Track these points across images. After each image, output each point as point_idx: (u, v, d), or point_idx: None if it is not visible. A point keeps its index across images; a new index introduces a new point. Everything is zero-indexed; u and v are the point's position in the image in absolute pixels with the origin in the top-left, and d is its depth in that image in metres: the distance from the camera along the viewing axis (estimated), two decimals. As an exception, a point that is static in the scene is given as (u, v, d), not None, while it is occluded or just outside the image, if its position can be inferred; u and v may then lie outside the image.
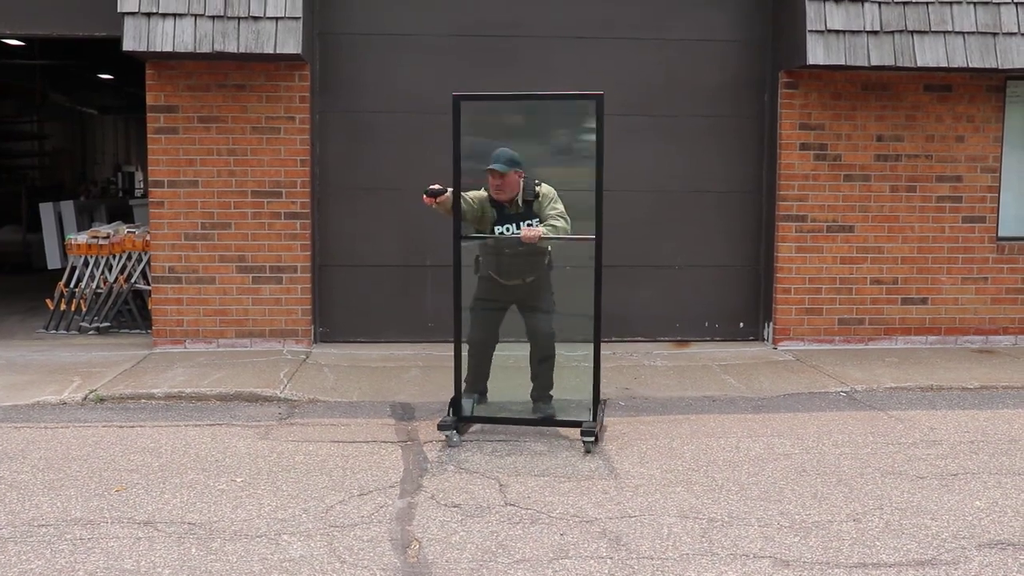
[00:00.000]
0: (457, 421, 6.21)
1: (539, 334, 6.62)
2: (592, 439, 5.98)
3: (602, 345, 8.94)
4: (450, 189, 6.11)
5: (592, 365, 6.25)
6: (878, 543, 4.59)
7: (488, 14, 9.05)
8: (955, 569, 4.31)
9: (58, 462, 5.73)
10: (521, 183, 6.33)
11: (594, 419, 6.13)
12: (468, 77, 8.77)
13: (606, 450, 6.05)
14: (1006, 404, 7.32)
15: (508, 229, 6.31)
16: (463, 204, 6.24)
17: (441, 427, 6.14)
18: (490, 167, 6.23)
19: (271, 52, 8.11)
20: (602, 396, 6.50)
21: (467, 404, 6.45)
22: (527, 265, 6.45)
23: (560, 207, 6.33)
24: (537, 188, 6.34)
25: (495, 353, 6.76)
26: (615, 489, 5.31)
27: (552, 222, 6.22)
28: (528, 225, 6.24)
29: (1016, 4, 8.55)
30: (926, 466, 5.77)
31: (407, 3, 9.01)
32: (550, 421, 6.51)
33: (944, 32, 8.49)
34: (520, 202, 6.33)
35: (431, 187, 6.10)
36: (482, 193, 6.39)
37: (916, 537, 4.66)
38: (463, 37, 8.98)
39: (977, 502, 5.15)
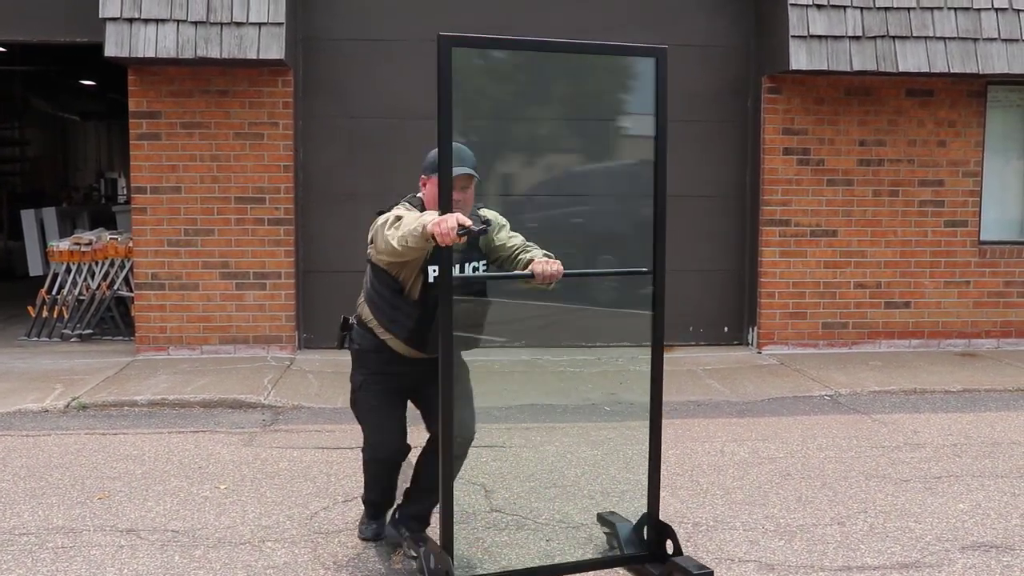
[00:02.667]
0: None
1: (450, 434, 3.91)
2: None
3: (587, 350, 9.07)
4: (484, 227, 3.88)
5: (648, 473, 4.24)
6: (862, 546, 4.60)
7: (474, 19, 9.04)
8: (938, 571, 4.32)
9: (40, 470, 5.69)
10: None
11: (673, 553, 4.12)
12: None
13: (590, 455, 6.05)
14: (989, 407, 7.36)
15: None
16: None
17: None
18: (458, 172, 3.95)
19: (254, 58, 8.09)
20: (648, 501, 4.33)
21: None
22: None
23: (521, 236, 4.36)
24: (483, 213, 4.30)
25: None
26: (601, 495, 5.30)
27: (542, 250, 4.24)
28: (482, 266, 4.23)
29: (996, 10, 8.62)
30: (910, 469, 5.79)
31: (392, 9, 9.02)
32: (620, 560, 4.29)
33: (925, 37, 8.55)
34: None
35: (468, 227, 3.57)
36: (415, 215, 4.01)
37: (900, 540, 4.67)
38: (448, 42, 8.96)
39: (960, 505, 5.17)
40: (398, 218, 3.92)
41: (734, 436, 6.52)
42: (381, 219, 4.04)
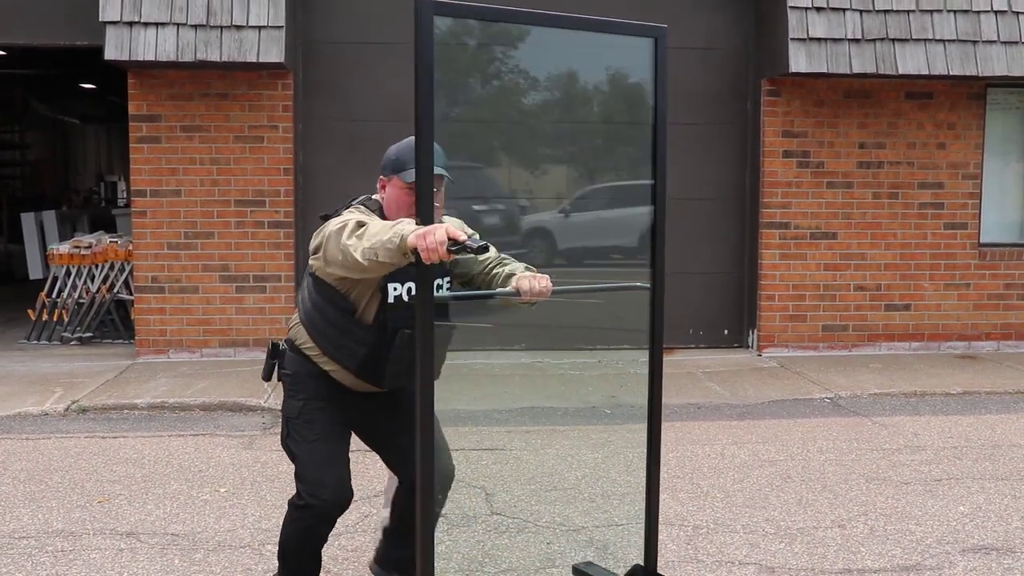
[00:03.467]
0: None
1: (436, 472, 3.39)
2: None
3: (587, 352, 9.07)
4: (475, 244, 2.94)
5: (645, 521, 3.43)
6: (863, 549, 4.59)
7: (473, 21, 9.05)
8: (939, 574, 4.32)
9: (39, 473, 5.68)
10: None
11: None
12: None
13: (590, 457, 6.04)
14: (989, 410, 7.36)
15: (409, 289, 3.46)
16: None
17: None
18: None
19: (254, 61, 8.09)
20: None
21: None
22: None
23: (493, 247, 3.54)
24: (444, 218, 3.50)
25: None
26: (601, 498, 5.30)
27: (511, 264, 3.60)
28: (446, 284, 3.58)
29: (995, 12, 8.62)
30: (910, 472, 5.79)
31: (391, 11, 9.01)
32: None
33: (925, 40, 8.55)
34: None
35: (463, 241, 2.80)
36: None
37: (900, 542, 4.67)
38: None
39: (961, 507, 5.17)
40: (360, 224, 3.20)
41: (734, 439, 6.52)
42: (333, 224, 3.33)
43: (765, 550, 4.58)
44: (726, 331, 9.51)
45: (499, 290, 3.50)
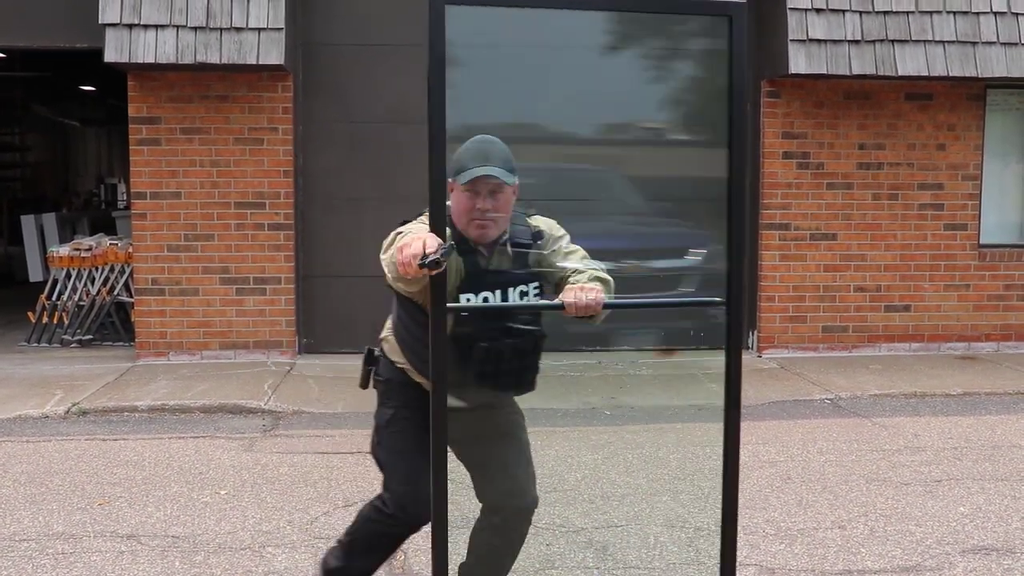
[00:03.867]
0: None
1: (510, 503, 3.63)
2: None
3: (588, 355, 9.06)
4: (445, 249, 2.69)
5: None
6: (863, 550, 4.60)
7: (474, 22, 9.04)
8: (939, 575, 4.32)
9: (40, 476, 5.68)
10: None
11: None
12: (452, 87, 8.76)
13: (590, 459, 6.04)
14: (989, 410, 7.36)
15: (485, 299, 3.25)
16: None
17: None
18: (477, 173, 3.16)
19: (254, 63, 8.10)
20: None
21: None
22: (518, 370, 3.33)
23: (583, 250, 3.45)
24: (533, 223, 3.42)
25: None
26: (601, 499, 5.30)
27: (596, 272, 3.32)
28: (533, 291, 3.34)
29: (995, 13, 8.63)
30: (910, 472, 5.79)
31: (391, 13, 9.02)
32: None
33: (924, 41, 8.56)
34: (508, 246, 3.32)
35: (430, 254, 2.57)
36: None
37: (901, 543, 4.67)
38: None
39: (961, 508, 5.17)
40: (399, 236, 3.05)
41: (734, 440, 6.51)
42: (390, 236, 3.16)
43: (765, 551, 4.58)
44: (726, 332, 9.49)
45: (541, 302, 3.38)
